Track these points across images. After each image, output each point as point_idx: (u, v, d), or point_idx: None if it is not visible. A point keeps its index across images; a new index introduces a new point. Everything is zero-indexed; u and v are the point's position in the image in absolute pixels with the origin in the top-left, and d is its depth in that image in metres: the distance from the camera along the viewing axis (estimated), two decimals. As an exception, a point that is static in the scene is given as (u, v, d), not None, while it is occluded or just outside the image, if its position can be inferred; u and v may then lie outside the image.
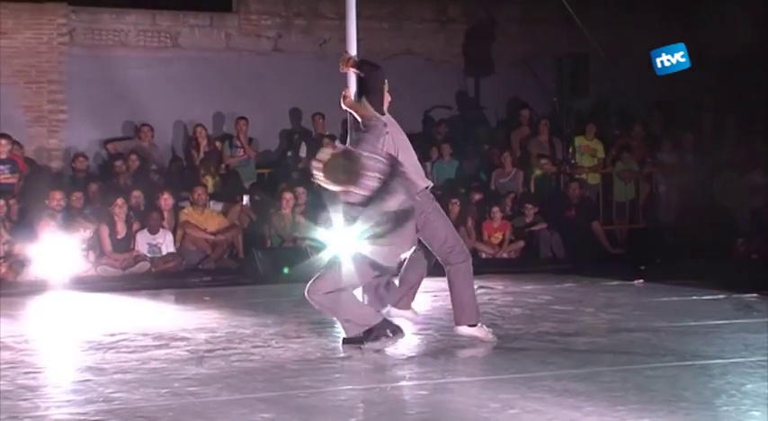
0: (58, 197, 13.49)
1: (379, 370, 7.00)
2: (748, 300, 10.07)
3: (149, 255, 13.68)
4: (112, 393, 6.27)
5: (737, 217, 15.32)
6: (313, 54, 16.56)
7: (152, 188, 14.60)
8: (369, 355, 7.34)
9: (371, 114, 7.67)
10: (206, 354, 7.54)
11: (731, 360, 7.03)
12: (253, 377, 6.71)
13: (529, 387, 6.24)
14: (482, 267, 12.50)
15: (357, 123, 7.81)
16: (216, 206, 14.68)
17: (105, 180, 14.89)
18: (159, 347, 7.89)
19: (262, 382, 6.56)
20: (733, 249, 14.23)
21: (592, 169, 16.42)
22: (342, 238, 7.33)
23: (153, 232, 13.77)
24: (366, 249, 7.21)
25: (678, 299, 10.38)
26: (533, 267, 13.83)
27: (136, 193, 14.20)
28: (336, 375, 6.90)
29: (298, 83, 16.24)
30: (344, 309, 7.38)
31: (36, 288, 12.11)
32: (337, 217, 7.35)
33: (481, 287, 11.01)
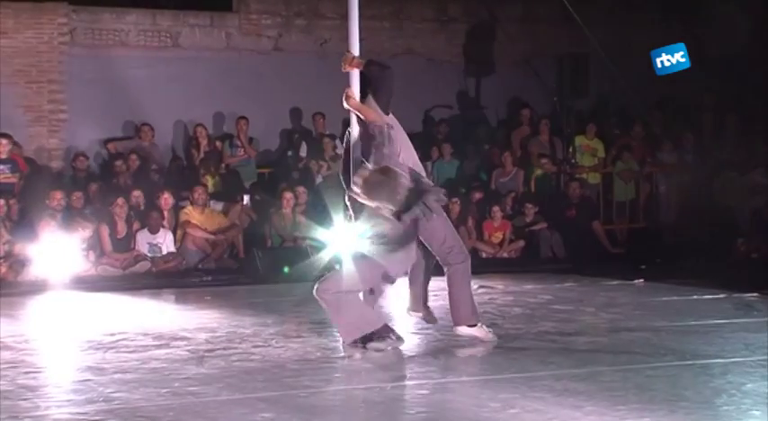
0: (59, 197, 13.49)
1: (379, 369, 7.00)
2: (748, 300, 10.07)
3: (150, 255, 13.67)
4: (113, 393, 6.27)
5: (738, 216, 15.30)
6: (313, 54, 16.55)
7: (152, 188, 14.60)
8: (369, 355, 7.35)
9: (379, 119, 7.66)
10: (206, 354, 7.54)
11: (731, 359, 7.03)
12: (253, 377, 6.71)
13: (529, 386, 6.24)
14: (482, 267, 12.55)
15: (365, 127, 7.77)
16: (216, 206, 14.67)
17: (105, 180, 14.88)
18: (159, 347, 7.89)
19: (262, 382, 6.56)
20: (733, 249, 14.21)
21: (592, 169, 16.42)
22: (354, 241, 7.40)
23: (153, 232, 13.76)
24: (383, 258, 7.32)
25: (678, 298, 10.37)
26: (534, 267, 13.83)
27: (136, 193, 14.19)
28: (337, 375, 6.91)
29: (298, 82, 16.24)
30: (349, 311, 7.39)
31: (36, 288, 12.10)
32: (357, 219, 7.45)
33: (481, 287, 11.03)
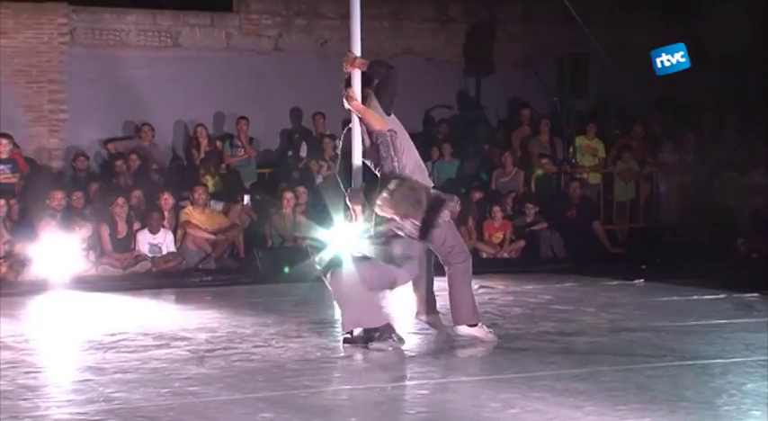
0: (59, 197, 13.48)
1: (379, 369, 7.01)
2: (749, 300, 10.07)
3: (150, 255, 13.67)
4: (113, 393, 6.28)
5: (738, 216, 15.30)
6: (314, 53, 16.54)
7: (153, 188, 14.59)
8: (369, 355, 7.35)
9: (381, 127, 7.67)
10: (206, 354, 7.54)
11: (732, 359, 7.04)
12: (253, 377, 6.72)
13: (529, 386, 6.24)
14: (483, 267, 12.54)
15: (369, 136, 7.79)
16: (216, 206, 14.67)
17: (106, 180, 14.87)
18: (160, 347, 7.89)
19: (262, 382, 6.56)
20: (733, 249, 14.21)
21: (592, 169, 16.41)
22: (361, 244, 7.51)
23: (153, 232, 13.76)
24: (392, 261, 7.48)
25: (679, 298, 10.37)
26: (534, 267, 13.82)
27: (136, 193, 14.19)
28: (337, 375, 6.91)
29: (298, 82, 16.23)
30: (357, 302, 7.41)
31: (37, 288, 12.09)
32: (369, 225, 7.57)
33: (482, 287, 11.03)
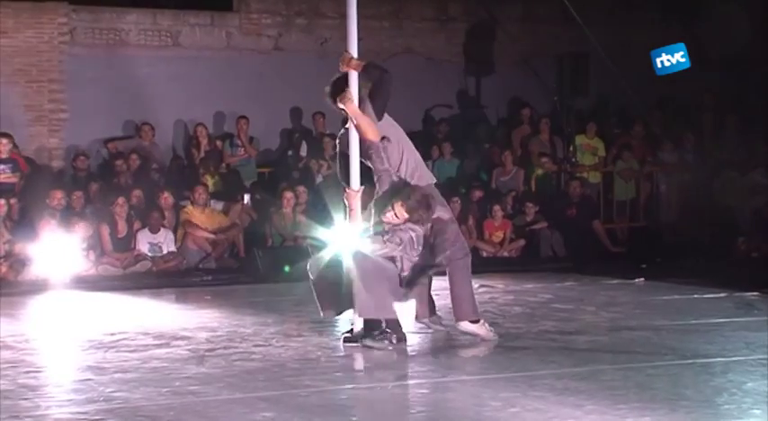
0: (59, 196, 13.48)
1: (379, 368, 7.01)
2: (749, 299, 10.07)
3: (150, 255, 13.67)
4: (113, 392, 6.28)
5: (738, 216, 15.31)
6: (314, 53, 16.53)
7: (153, 187, 14.59)
8: (369, 354, 7.35)
9: (374, 136, 7.68)
10: (207, 354, 7.54)
11: (732, 358, 7.04)
12: (254, 376, 6.72)
13: (530, 385, 6.24)
14: (483, 266, 12.54)
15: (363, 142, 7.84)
16: (217, 205, 14.67)
17: (106, 179, 14.87)
18: (160, 346, 7.89)
19: (263, 381, 6.56)
20: (734, 248, 14.21)
21: (592, 168, 16.41)
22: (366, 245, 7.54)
23: (154, 231, 13.76)
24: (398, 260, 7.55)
25: (679, 297, 10.37)
26: (534, 266, 13.82)
27: (137, 192, 14.19)
28: (337, 374, 6.90)
29: (298, 82, 16.20)
30: (375, 290, 7.42)
31: (37, 287, 12.09)
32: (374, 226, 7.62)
33: (482, 286, 11.02)
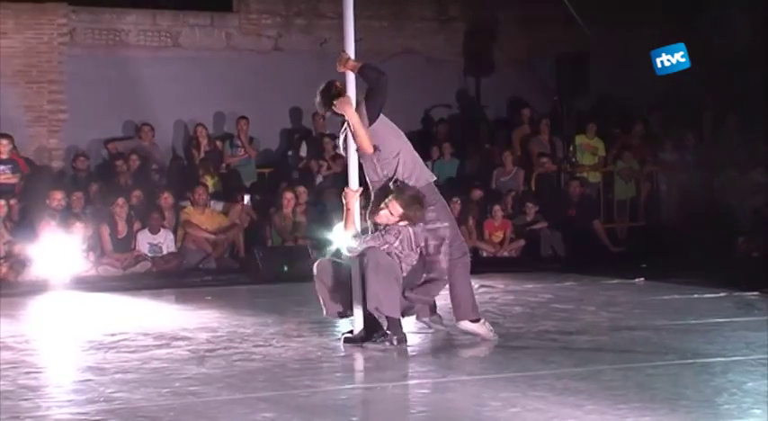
0: (59, 197, 13.47)
1: (379, 368, 7.01)
2: (749, 299, 10.06)
3: (150, 255, 13.67)
4: (113, 393, 6.27)
5: (738, 215, 15.30)
6: (313, 53, 16.53)
7: (153, 188, 14.61)
8: (369, 354, 7.35)
9: (366, 148, 7.70)
10: (207, 354, 7.54)
11: (732, 358, 7.03)
12: (254, 376, 6.71)
13: (530, 385, 6.24)
14: (483, 266, 12.55)
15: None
16: (217, 205, 14.68)
17: (106, 180, 14.87)
18: (160, 347, 7.89)
19: (263, 382, 6.56)
20: (734, 248, 14.21)
21: (592, 168, 16.41)
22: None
23: (154, 232, 13.77)
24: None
25: (679, 297, 10.37)
26: (534, 266, 13.82)
27: (137, 193, 14.19)
28: (337, 374, 6.91)
29: (298, 82, 16.16)
30: (384, 284, 7.44)
31: (37, 288, 12.10)
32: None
33: (482, 286, 11.02)
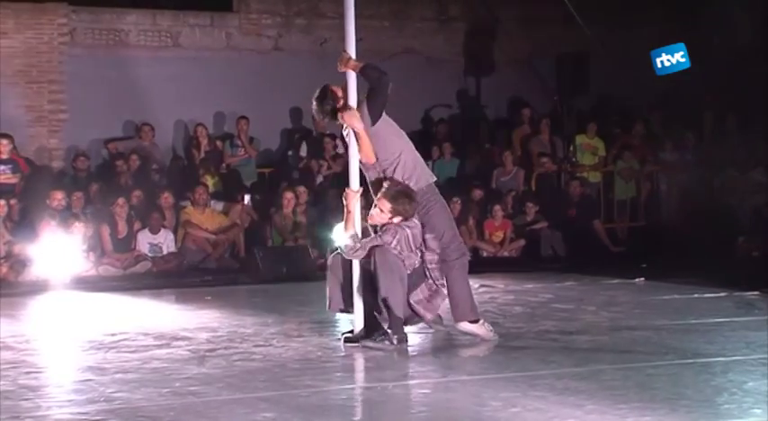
0: (59, 197, 13.47)
1: (380, 368, 7.01)
2: (749, 298, 10.06)
3: (150, 255, 13.67)
4: (114, 393, 6.27)
5: (738, 215, 15.30)
6: (313, 53, 16.54)
7: (153, 188, 14.61)
8: (369, 354, 7.35)
9: (369, 160, 7.71)
10: (207, 354, 7.54)
11: (732, 358, 7.03)
12: (254, 376, 6.71)
13: (530, 385, 6.24)
14: (483, 266, 12.56)
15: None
16: (217, 205, 14.68)
17: (106, 180, 14.87)
18: (160, 347, 7.89)
19: (263, 382, 6.56)
20: (734, 247, 14.21)
21: (593, 167, 16.41)
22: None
23: (154, 232, 13.77)
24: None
25: (679, 297, 10.36)
26: (534, 266, 13.81)
27: (137, 193, 14.19)
28: (338, 374, 6.91)
29: (298, 82, 16.14)
30: (393, 278, 7.44)
31: (37, 288, 12.10)
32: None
33: (482, 286, 11.02)
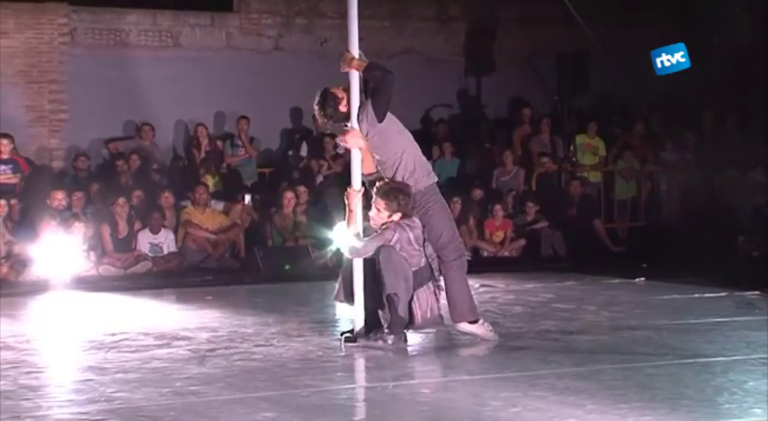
0: (60, 197, 13.48)
1: (380, 368, 7.01)
2: (750, 298, 10.06)
3: (151, 255, 13.68)
4: (114, 393, 6.28)
5: (739, 215, 15.30)
6: (314, 53, 16.55)
7: (153, 187, 14.61)
8: (369, 354, 7.35)
9: (370, 170, 7.73)
10: (208, 354, 7.54)
11: (733, 357, 7.03)
12: (254, 376, 6.72)
13: (530, 385, 6.24)
14: (483, 266, 12.58)
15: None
16: (217, 205, 14.68)
17: (107, 180, 14.87)
18: (161, 347, 7.89)
19: (263, 381, 6.56)
20: (734, 247, 14.21)
21: (593, 167, 16.42)
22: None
23: (154, 231, 13.77)
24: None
25: (679, 296, 10.37)
26: (535, 265, 13.81)
27: (137, 193, 14.20)
28: (338, 374, 6.91)
29: (299, 82, 16.17)
30: (397, 277, 7.46)
31: (38, 288, 12.10)
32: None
33: (483, 285, 11.02)
